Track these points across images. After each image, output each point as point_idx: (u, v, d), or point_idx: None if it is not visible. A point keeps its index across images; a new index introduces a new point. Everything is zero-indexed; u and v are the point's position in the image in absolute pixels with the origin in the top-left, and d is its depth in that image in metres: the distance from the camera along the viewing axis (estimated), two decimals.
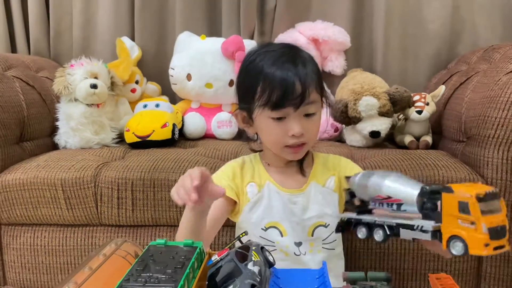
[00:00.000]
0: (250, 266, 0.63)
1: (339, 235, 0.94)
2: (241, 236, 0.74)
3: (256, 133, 0.94)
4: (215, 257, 0.67)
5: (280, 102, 0.80)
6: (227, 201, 0.92)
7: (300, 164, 0.93)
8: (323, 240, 0.91)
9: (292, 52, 0.86)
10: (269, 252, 0.71)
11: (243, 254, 0.66)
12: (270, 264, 0.69)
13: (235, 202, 0.93)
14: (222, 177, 0.95)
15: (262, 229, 0.90)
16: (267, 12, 1.77)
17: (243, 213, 0.92)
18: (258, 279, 0.61)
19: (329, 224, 0.91)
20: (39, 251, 1.23)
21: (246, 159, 1.00)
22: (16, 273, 1.25)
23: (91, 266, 0.63)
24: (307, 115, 0.84)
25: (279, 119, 0.83)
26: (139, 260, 0.65)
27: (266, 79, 0.82)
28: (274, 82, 0.81)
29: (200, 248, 0.71)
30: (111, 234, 1.21)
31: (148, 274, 0.61)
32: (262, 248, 0.70)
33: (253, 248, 0.69)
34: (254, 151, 1.01)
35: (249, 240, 0.72)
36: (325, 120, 1.48)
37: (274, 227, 0.90)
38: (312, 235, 0.91)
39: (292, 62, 0.82)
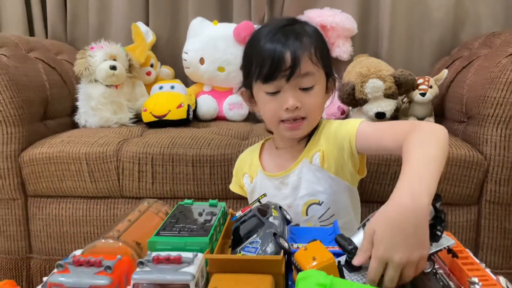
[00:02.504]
0: (271, 219, 0.71)
1: (338, 210, 0.91)
2: (260, 198, 0.82)
3: None
4: (239, 213, 0.75)
5: (270, 74, 0.81)
6: None
7: (307, 141, 0.92)
8: (319, 218, 0.91)
9: (288, 26, 0.85)
10: (286, 211, 0.78)
11: (264, 210, 0.74)
12: (288, 222, 0.77)
13: None
14: (234, 175, 1.05)
15: None
16: None
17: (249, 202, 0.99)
18: (279, 231, 0.68)
19: (322, 202, 0.90)
20: (64, 221, 1.30)
21: (248, 150, 1.04)
22: (42, 242, 1.33)
23: (130, 219, 0.71)
24: (304, 89, 0.83)
25: (274, 93, 0.84)
26: (172, 215, 0.73)
27: (258, 53, 0.83)
28: (264, 55, 0.82)
29: (224, 207, 0.79)
30: (132, 205, 1.28)
31: (181, 225, 0.68)
32: (280, 207, 0.78)
33: (272, 206, 0.76)
34: (269, 131, 1.06)
35: (268, 201, 0.80)
36: (333, 103, 1.56)
37: None
38: (307, 214, 0.91)
39: (284, 35, 0.82)
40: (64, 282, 0.56)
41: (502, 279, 0.59)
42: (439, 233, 0.58)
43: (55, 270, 0.58)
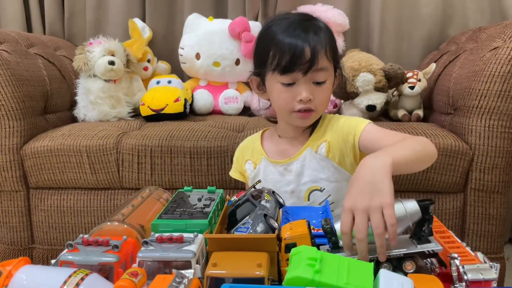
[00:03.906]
0: (263, 202, 0.75)
1: (338, 198, 0.96)
2: (255, 184, 0.86)
3: (269, 100, 0.99)
4: (234, 198, 0.80)
5: (289, 66, 0.85)
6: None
7: (311, 132, 0.97)
8: (319, 204, 0.95)
9: (306, 20, 0.90)
10: (279, 195, 0.83)
11: (257, 195, 0.79)
12: (281, 205, 0.81)
13: None
14: (234, 163, 1.08)
15: None
16: None
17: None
18: (270, 212, 0.73)
19: (324, 188, 0.95)
20: (65, 212, 1.35)
21: (248, 139, 1.09)
22: (44, 232, 1.37)
23: (133, 204, 0.75)
24: (318, 83, 0.88)
25: (289, 84, 0.88)
26: (173, 200, 0.78)
27: (277, 44, 0.87)
28: (284, 47, 0.85)
29: (222, 194, 0.84)
30: None
31: (182, 209, 0.73)
32: (273, 192, 0.83)
33: (266, 191, 0.81)
34: (270, 120, 1.10)
35: (263, 187, 0.85)
36: None
37: None
38: (308, 200, 0.96)
39: (303, 29, 0.86)
40: (75, 260, 0.60)
41: (480, 255, 0.64)
42: (423, 234, 0.61)
43: (66, 249, 0.62)
